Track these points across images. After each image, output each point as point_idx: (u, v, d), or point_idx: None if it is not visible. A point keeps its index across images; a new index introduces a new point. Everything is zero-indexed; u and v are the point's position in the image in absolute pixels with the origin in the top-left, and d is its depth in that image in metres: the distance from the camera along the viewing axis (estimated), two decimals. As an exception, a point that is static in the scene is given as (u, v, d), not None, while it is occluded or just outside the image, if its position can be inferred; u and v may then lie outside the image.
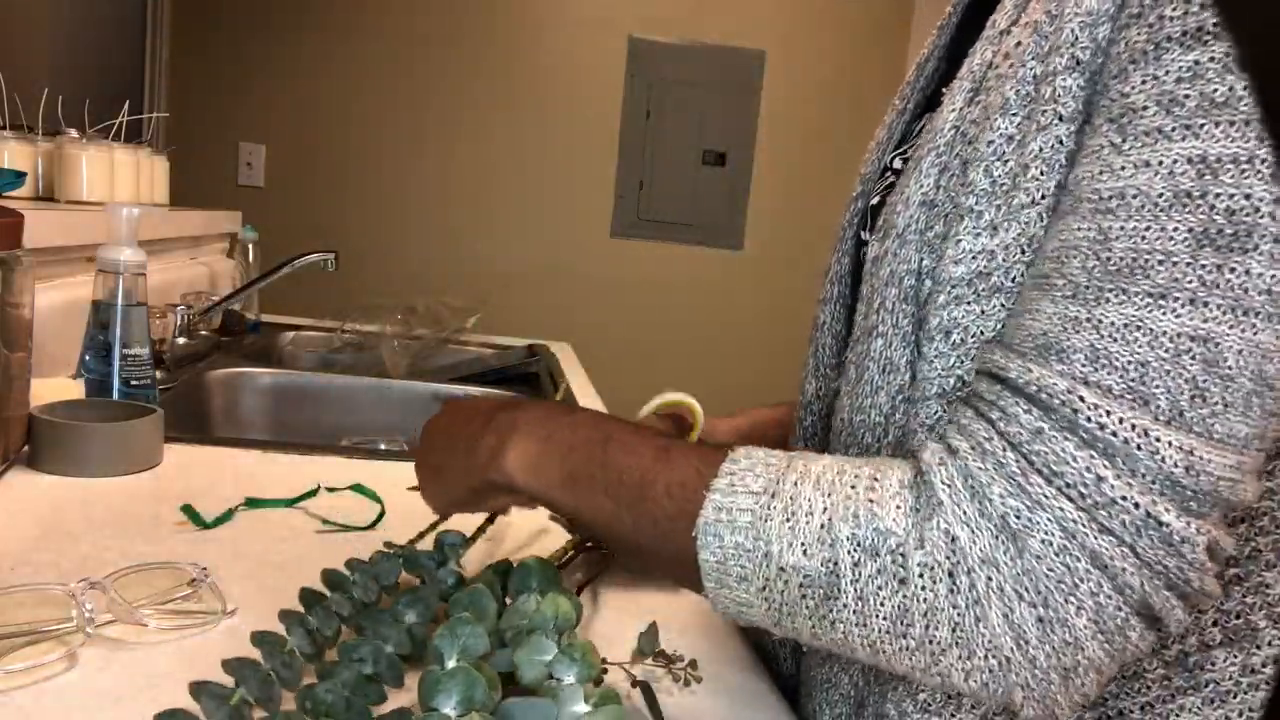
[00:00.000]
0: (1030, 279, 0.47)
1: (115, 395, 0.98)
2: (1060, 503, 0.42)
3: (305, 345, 1.77)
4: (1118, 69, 0.44)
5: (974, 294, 0.49)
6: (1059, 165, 0.47)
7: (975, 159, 0.50)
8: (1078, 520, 0.41)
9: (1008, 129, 0.49)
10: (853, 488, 0.46)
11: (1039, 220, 0.47)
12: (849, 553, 0.44)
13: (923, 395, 0.51)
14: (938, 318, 0.50)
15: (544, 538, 0.83)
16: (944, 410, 0.51)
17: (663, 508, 0.50)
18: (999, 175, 0.49)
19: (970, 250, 0.49)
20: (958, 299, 0.49)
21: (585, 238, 3.23)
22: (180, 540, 0.74)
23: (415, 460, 0.65)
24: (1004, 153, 0.49)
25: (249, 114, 3.05)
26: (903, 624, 0.44)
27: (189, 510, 0.78)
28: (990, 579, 0.42)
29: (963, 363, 0.50)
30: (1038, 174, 0.47)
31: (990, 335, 0.49)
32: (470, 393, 1.51)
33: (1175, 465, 0.40)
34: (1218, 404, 0.41)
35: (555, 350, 1.84)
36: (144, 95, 2.85)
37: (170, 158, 1.88)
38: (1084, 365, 0.42)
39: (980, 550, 0.42)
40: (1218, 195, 0.40)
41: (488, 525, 0.70)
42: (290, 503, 0.85)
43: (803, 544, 0.45)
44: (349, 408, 1.46)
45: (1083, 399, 0.42)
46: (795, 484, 0.47)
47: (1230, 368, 0.41)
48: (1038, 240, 0.47)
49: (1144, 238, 0.42)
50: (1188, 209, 0.41)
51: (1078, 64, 0.46)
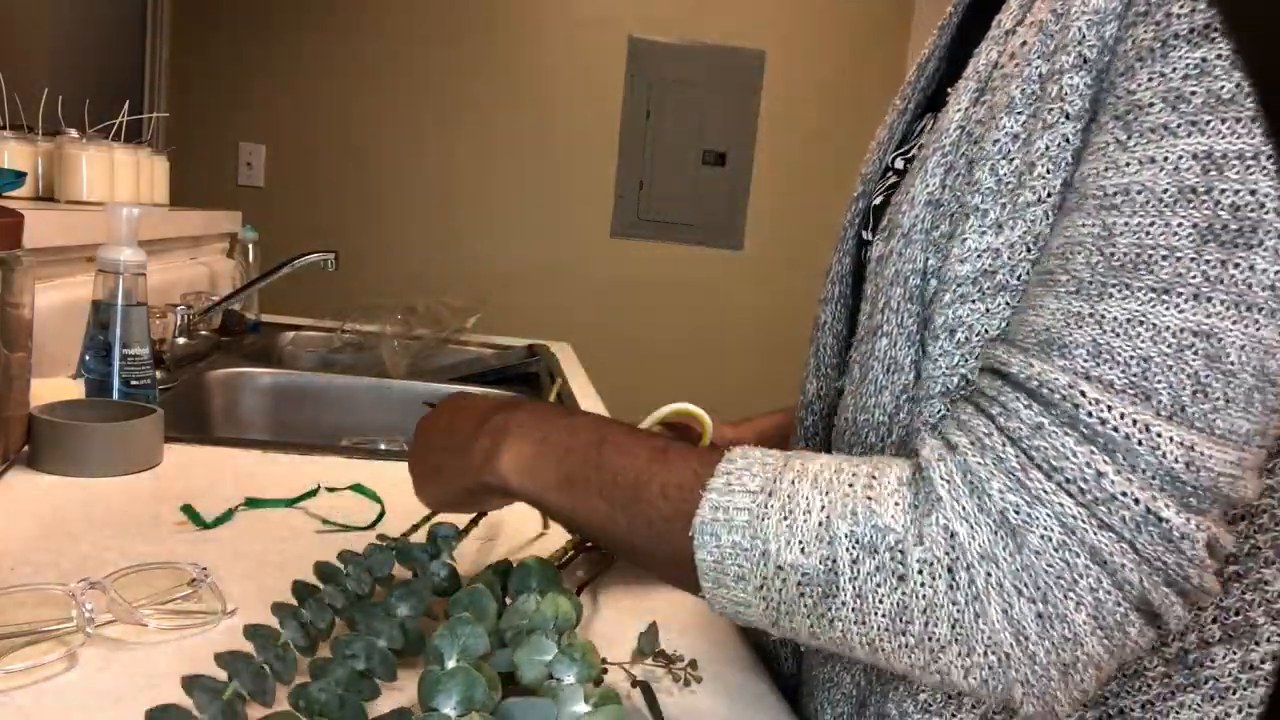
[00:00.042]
0: (1035, 275, 0.47)
1: (115, 395, 0.98)
2: (1060, 498, 0.41)
3: (305, 345, 1.77)
4: (1124, 66, 0.44)
5: (979, 292, 0.49)
6: (1065, 163, 0.47)
7: (981, 158, 0.50)
8: (1077, 516, 0.41)
9: (1013, 127, 0.49)
10: (850, 485, 0.46)
11: (1045, 218, 0.47)
12: (847, 550, 0.44)
13: (926, 394, 0.51)
14: (942, 316, 0.50)
15: (544, 538, 0.83)
16: (948, 409, 0.50)
17: (658, 508, 0.50)
18: (1004, 174, 0.48)
19: (975, 248, 0.49)
20: (963, 297, 0.49)
21: (585, 238, 3.23)
22: (180, 540, 0.74)
23: (409, 459, 0.65)
24: (1009, 151, 0.48)
25: (249, 114, 3.05)
26: (902, 621, 0.44)
27: (189, 510, 0.78)
28: (990, 574, 0.42)
29: (967, 361, 0.50)
30: (1044, 172, 0.47)
31: (994, 334, 0.49)
32: (466, 391, 1.50)
33: (1176, 461, 0.40)
34: (1219, 400, 0.41)
35: (555, 350, 1.84)
36: (144, 95, 2.85)
37: (170, 158, 1.88)
38: (1086, 360, 0.42)
39: (979, 546, 0.42)
40: (1223, 191, 0.40)
41: (480, 518, 0.70)
42: (290, 503, 0.85)
43: (801, 542, 0.45)
44: (349, 408, 1.46)
45: (1084, 394, 0.42)
46: (793, 482, 0.47)
47: (1232, 363, 0.40)
48: (1043, 238, 0.47)
49: (1148, 233, 0.42)
50: (1192, 204, 0.41)
51: (1085, 62, 0.46)
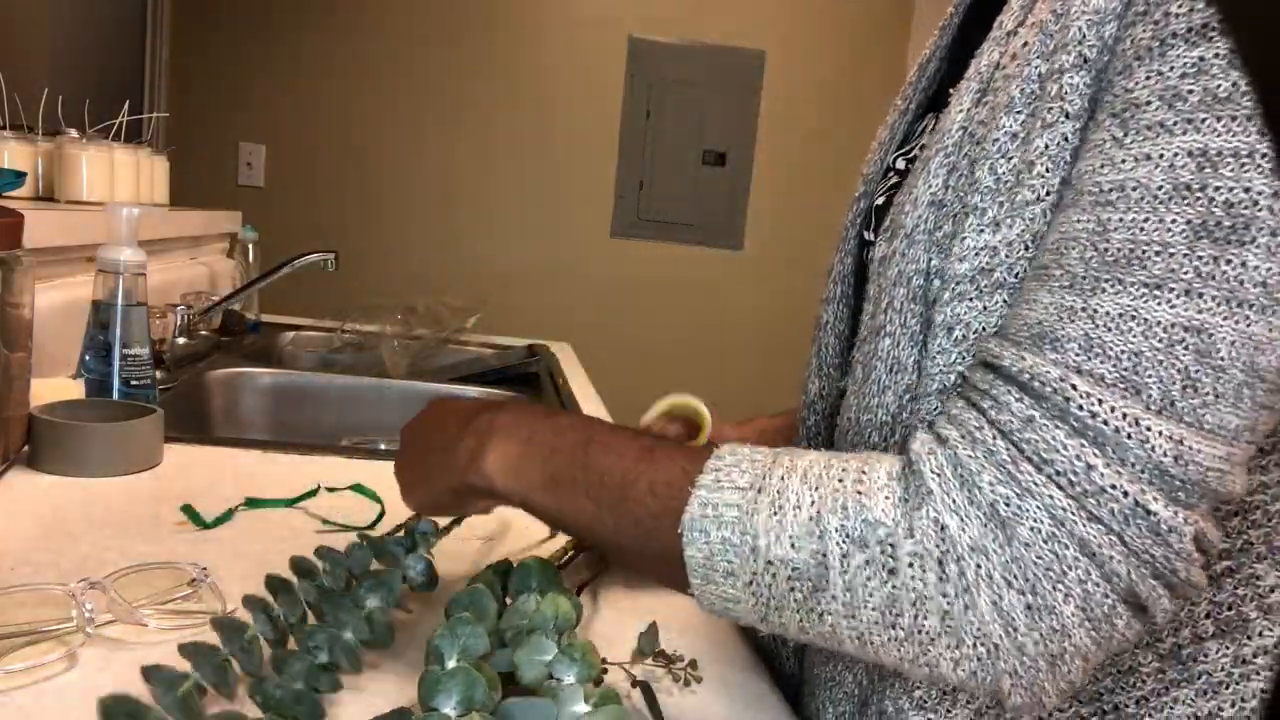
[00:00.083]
0: (1031, 271, 0.47)
1: (115, 395, 0.98)
2: (1050, 490, 0.42)
3: (305, 345, 1.77)
4: (1123, 65, 0.44)
5: (976, 290, 0.49)
6: (1064, 162, 0.47)
7: (981, 158, 0.50)
8: (1066, 508, 0.41)
9: (1012, 126, 0.49)
10: (840, 480, 0.46)
11: (1043, 217, 0.47)
12: (838, 544, 0.44)
13: (925, 391, 0.51)
14: (941, 314, 0.50)
15: (551, 540, 0.83)
16: (943, 405, 0.51)
17: (646, 506, 0.50)
18: (1003, 172, 0.49)
19: (974, 247, 0.49)
20: (961, 295, 0.49)
21: (585, 238, 3.23)
22: (180, 540, 0.74)
23: (395, 465, 0.65)
24: (1008, 150, 0.49)
25: (249, 114, 3.05)
26: (892, 614, 0.44)
27: (189, 510, 0.78)
28: (980, 566, 0.42)
29: (964, 359, 0.50)
30: (1043, 171, 0.47)
31: (991, 332, 0.49)
32: (468, 393, 1.51)
33: (1165, 455, 0.41)
34: (1209, 394, 0.41)
35: (555, 350, 1.84)
36: (144, 95, 2.85)
37: (170, 158, 1.88)
38: (1077, 354, 0.42)
39: (970, 538, 0.42)
40: (1217, 188, 0.40)
41: (461, 519, 0.69)
42: (290, 503, 0.85)
43: (791, 536, 0.45)
44: (349, 408, 1.46)
45: (1075, 387, 0.42)
46: (782, 478, 0.47)
47: (1223, 359, 0.41)
48: (1041, 237, 0.47)
49: (1142, 229, 0.42)
50: (1186, 201, 0.41)
51: (1085, 62, 0.46)
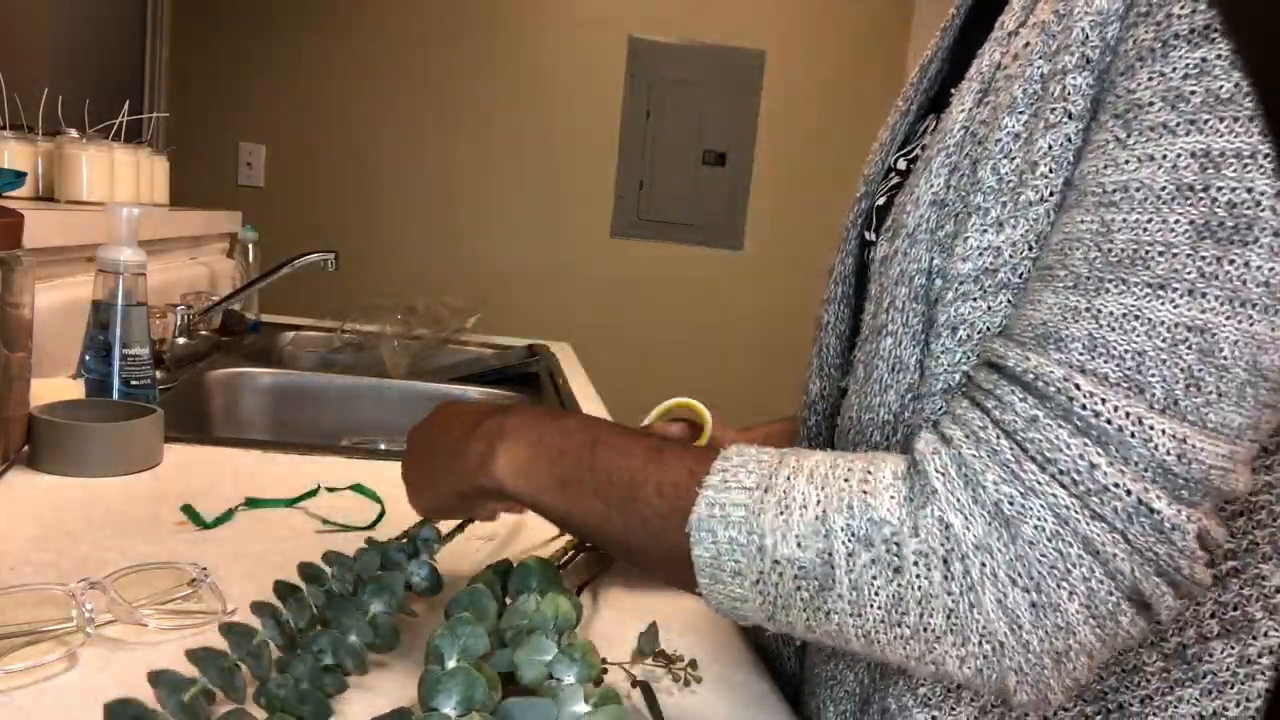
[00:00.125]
0: (1035, 271, 0.47)
1: (115, 395, 0.98)
2: (1053, 489, 0.42)
3: (305, 345, 1.77)
4: (1125, 66, 0.44)
5: (980, 290, 0.49)
6: (1067, 163, 0.47)
7: (984, 158, 0.50)
8: (1070, 507, 0.42)
9: (1015, 127, 0.49)
10: (846, 480, 0.46)
11: (1046, 218, 0.47)
12: (843, 543, 0.45)
13: (929, 391, 0.52)
14: (945, 314, 0.50)
15: (547, 538, 0.83)
16: (948, 406, 0.51)
17: (653, 507, 0.50)
18: (1006, 172, 0.49)
19: (977, 247, 0.49)
20: (964, 295, 0.50)
21: (585, 238, 3.23)
22: (180, 540, 0.74)
23: (403, 467, 0.65)
24: (1011, 150, 0.49)
25: (249, 114, 3.05)
26: (897, 612, 0.44)
27: (189, 510, 0.78)
28: (984, 565, 0.42)
29: (968, 359, 0.50)
30: (1046, 171, 0.47)
31: (995, 331, 0.49)
32: (469, 393, 1.51)
33: (1168, 453, 0.41)
34: (1212, 393, 0.41)
35: (555, 350, 1.84)
36: (144, 95, 2.85)
37: (170, 158, 1.88)
38: (1081, 354, 0.43)
39: (974, 537, 0.43)
40: (1219, 189, 0.41)
41: (463, 526, 0.69)
42: (290, 503, 0.85)
43: (797, 536, 0.46)
44: (349, 408, 1.46)
45: (1078, 387, 0.42)
46: (788, 478, 0.47)
47: (1225, 358, 0.41)
48: (1045, 237, 0.47)
49: (1145, 229, 0.42)
50: (1189, 202, 0.41)
51: (1087, 63, 0.46)
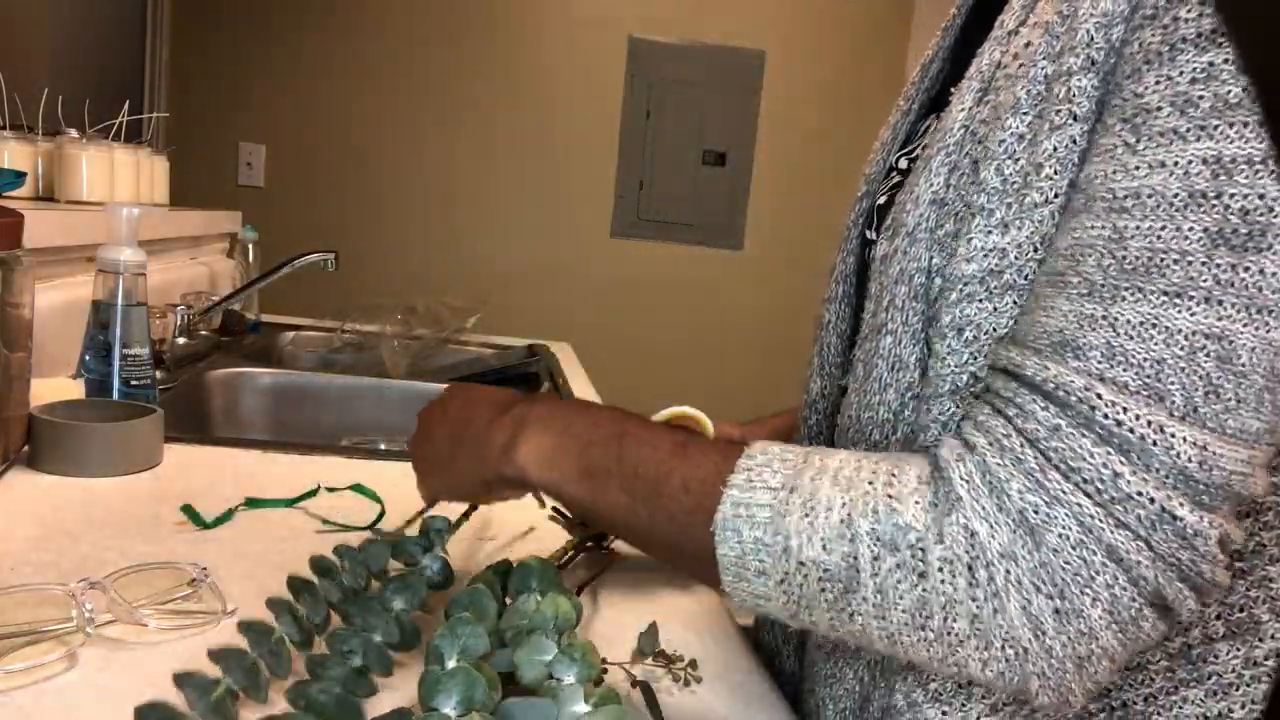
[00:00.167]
0: (1043, 276, 0.47)
1: (115, 395, 0.98)
2: (1078, 498, 0.42)
3: (305, 345, 1.77)
4: (1131, 69, 0.44)
5: (986, 291, 0.49)
6: (1072, 165, 0.47)
7: (986, 158, 0.50)
8: (1095, 515, 0.42)
9: (1019, 128, 0.49)
10: (870, 483, 0.46)
11: (1051, 219, 0.48)
12: (869, 547, 0.45)
13: (935, 392, 0.52)
14: (950, 315, 0.50)
15: (540, 536, 0.83)
16: (957, 407, 0.51)
17: (679, 503, 0.50)
18: (1010, 174, 0.49)
19: (982, 248, 0.49)
20: (970, 296, 0.50)
21: (585, 238, 3.23)
22: (180, 540, 0.74)
23: (412, 449, 0.64)
24: (1015, 152, 0.49)
25: (249, 114, 3.05)
26: (922, 616, 0.44)
27: (189, 510, 0.78)
28: (1009, 572, 0.43)
29: (975, 360, 0.50)
30: (1051, 173, 0.47)
31: (1002, 332, 0.49)
32: (467, 383, 1.51)
33: (1189, 460, 0.41)
34: (1231, 400, 0.41)
35: (555, 350, 1.84)
36: (144, 95, 2.85)
37: (170, 158, 1.88)
38: (1100, 362, 0.43)
39: (999, 544, 0.43)
40: (1232, 195, 0.41)
41: (471, 511, 0.69)
42: (290, 503, 0.85)
43: (822, 539, 0.46)
44: (349, 408, 1.46)
45: (1100, 396, 0.42)
46: (813, 479, 0.47)
47: (1244, 365, 0.41)
48: (1050, 239, 0.48)
49: (1159, 237, 0.42)
50: (1202, 209, 0.41)
51: (1092, 64, 0.46)
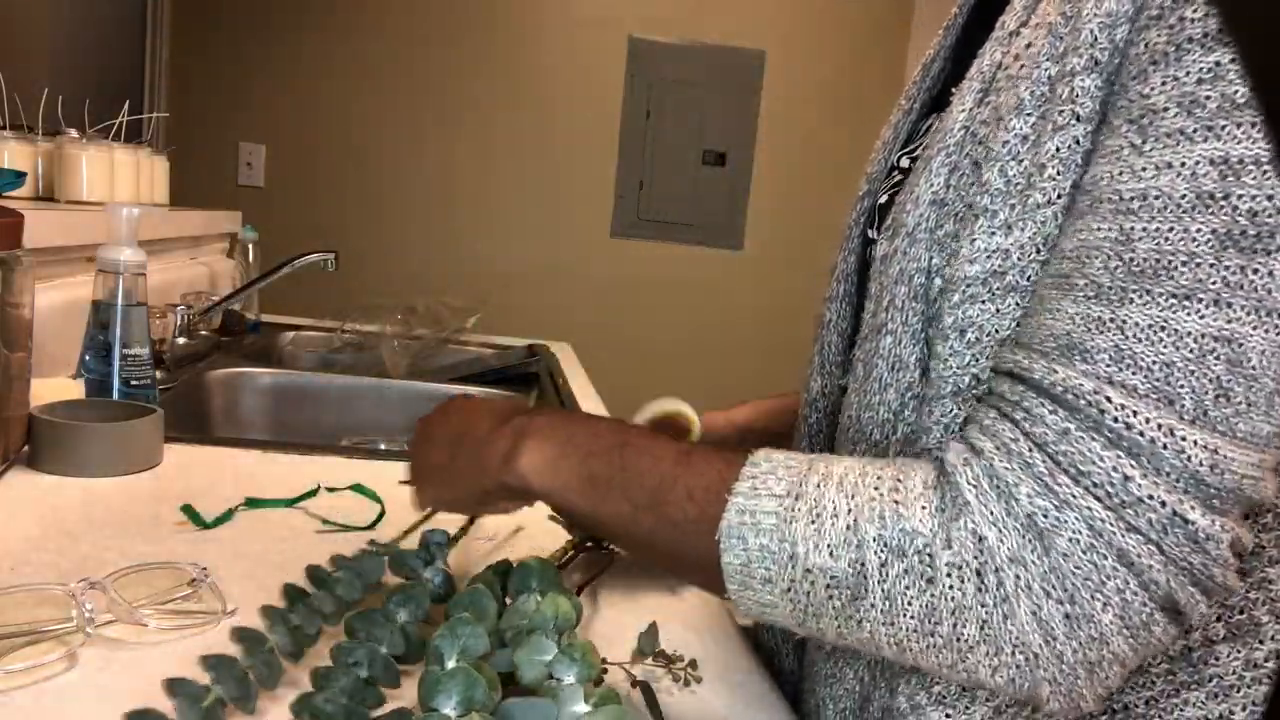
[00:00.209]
0: (1048, 278, 0.47)
1: (115, 395, 0.98)
2: (1088, 502, 0.42)
3: (305, 345, 1.77)
4: (1137, 70, 0.44)
5: (988, 293, 0.49)
6: (1075, 165, 0.47)
7: (988, 159, 0.50)
8: (1105, 519, 0.42)
9: (1022, 129, 0.49)
10: (876, 489, 0.46)
11: (1054, 220, 0.47)
12: (876, 553, 0.45)
13: (937, 394, 0.51)
14: (952, 316, 0.50)
15: (539, 538, 0.83)
16: (960, 409, 0.51)
17: (683, 511, 0.50)
18: (1013, 175, 0.49)
19: (985, 249, 0.49)
20: (972, 297, 0.50)
21: (585, 238, 3.23)
22: (180, 540, 0.74)
23: (412, 457, 0.64)
24: (1019, 152, 0.49)
25: (249, 114, 3.05)
26: (930, 622, 0.44)
27: (189, 510, 0.78)
28: (1019, 577, 0.42)
29: (978, 361, 0.50)
30: (1054, 174, 0.47)
31: (1005, 334, 0.49)
32: (469, 393, 1.51)
33: (1200, 464, 0.41)
34: (1241, 403, 0.41)
35: (555, 350, 1.84)
36: (144, 95, 2.85)
37: (170, 158, 1.88)
38: (1109, 365, 0.43)
39: (1008, 549, 0.43)
40: (1240, 196, 0.41)
41: (470, 524, 0.69)
42: (290, 503, 0.85)
43: (829, 545, 0.45)
44: (349, 408, 1.46)
45: (1109, 399, 0.42)
46: (818, 486, 0.47)
47: (1254, 368, 0.41)
48: (1053, 240, 0.47)
49: (1167, 239, 0.42)
50: (1210, 210, 0.41)
51: (1096, 65, 0.46)
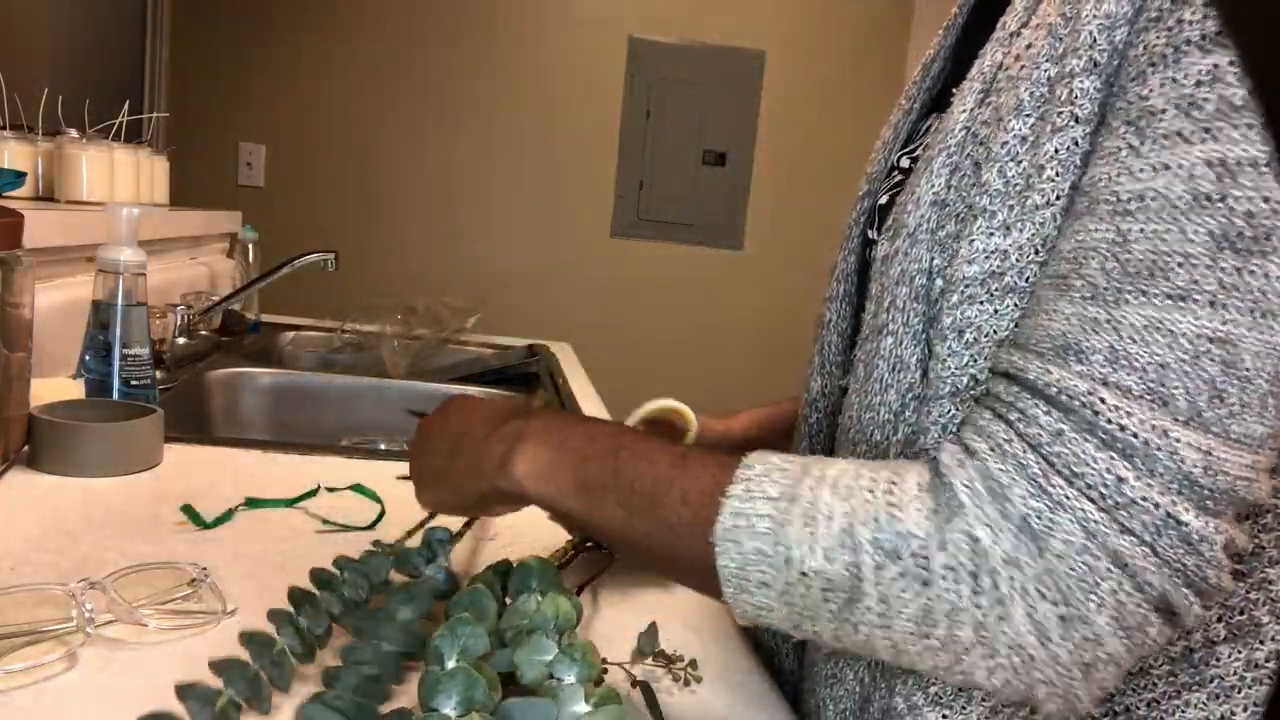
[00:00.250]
0: (1045, 279, 0.47)
1: (115, 395, 0.98)
2: (1082, 504, 0.42)
3: (305, 345, 1.77)
4: (1135, 72, 0.44)
5: (987, 293, 0.49)
6: (1074, 167, 0.47)
7: (988, 159, 0.50)
8: (1099, 521, 0.41)
9: (1021, 130, 0.49)
10: (871, 491, 0.46)
11: (1053, 221, 0.47)
12: (871, 556, 0.44)
13: (935, 394, 0.51)
14: (951, 317, 0.50)
15: (542, 539, 0.83)
16: (958, 410, 0.51)
17: (678, 515, 0.50)
18: (1012, 176, 0.49)
19: (983, 250, 0.49)
20: (970, 298, 0.49)
21: (585, 238, 3.23)
22: (180, 540, 0.74)
23: (411, 459, 0.65)
24: (1017, 154, 0.49)
25: (249, 114, 3.05)
26: (926, 625, 0.44)
27: (189, 510, 0.78)
28: (1013, 579, 0.42)
29: (976, 362, 0.50)
30: (1053, 175, 0.47)
31: (1003, 335, 0.49)
32: (468, 393, 1.51)
33: (1194, 465, 0.41)
34: (1235, 405, 0.41)
35: (555, 350, 1.84)
36: (144, 95, 2.85)
37: (170, 158, 1.88)
38: (1103, 366, 0.42)
39: (1003, 551, 0.43)
40: (1237, 198, 0.40)
41: (472, 523, 0.70)
42: (290, 503, 0.85)
43: (824, 548, 0.45)
44: (349, 408, 1.46)
45: (1103, 400, 0.42)
46: (813, 489, 0.47)
47: (1248, 369, 0.41)
48: (1051, 241, 0.47)
49: (1164, 240, 0.42)
50: (1207, 211, 0.41)
51: (1095, 66, 0.46)
